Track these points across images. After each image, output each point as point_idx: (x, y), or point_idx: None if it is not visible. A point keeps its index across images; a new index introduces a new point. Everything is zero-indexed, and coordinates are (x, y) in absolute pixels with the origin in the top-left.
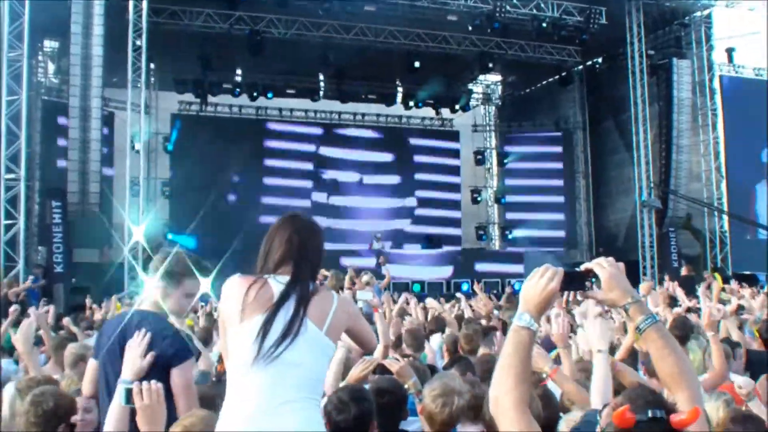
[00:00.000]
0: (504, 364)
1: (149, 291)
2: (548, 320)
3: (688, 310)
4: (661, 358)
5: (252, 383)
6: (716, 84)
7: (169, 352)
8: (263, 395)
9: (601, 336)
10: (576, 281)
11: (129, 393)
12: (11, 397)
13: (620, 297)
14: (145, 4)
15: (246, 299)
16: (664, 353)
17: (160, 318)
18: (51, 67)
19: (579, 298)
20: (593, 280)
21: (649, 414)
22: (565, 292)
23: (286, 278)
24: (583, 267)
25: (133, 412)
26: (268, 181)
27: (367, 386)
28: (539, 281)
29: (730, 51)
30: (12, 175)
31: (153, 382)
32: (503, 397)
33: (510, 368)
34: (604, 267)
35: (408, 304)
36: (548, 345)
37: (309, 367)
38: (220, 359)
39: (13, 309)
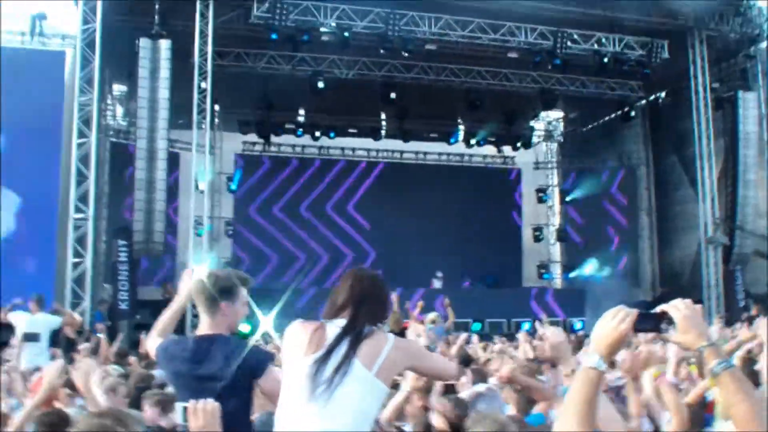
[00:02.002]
0: (569, 403)
1: (206, 316)
2: None
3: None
4: (734, 404)
5: (301, 418)
6: None
7: (260, 360)
8: (310, 429)
9: (561, 360)
10: (650, 322)
11: (185, 411)
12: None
13: (695, 340)
14: (210, 48)
15: (303, 341)
16: (738, 398)
17: (226, 337)
18: (119, 110)
19: None
20: (667, 321)
21: None
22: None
23: (342, 322)
24: (658, 309)
25: None
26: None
27: None
28: (611, 322)
29: None
30: (81, 215)
31: (210, 401)
32: None
33: (575, 407)
34: (679, 309)
35: (468, 343)
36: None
37: (356, 406)
38: None
39: (84, 347)
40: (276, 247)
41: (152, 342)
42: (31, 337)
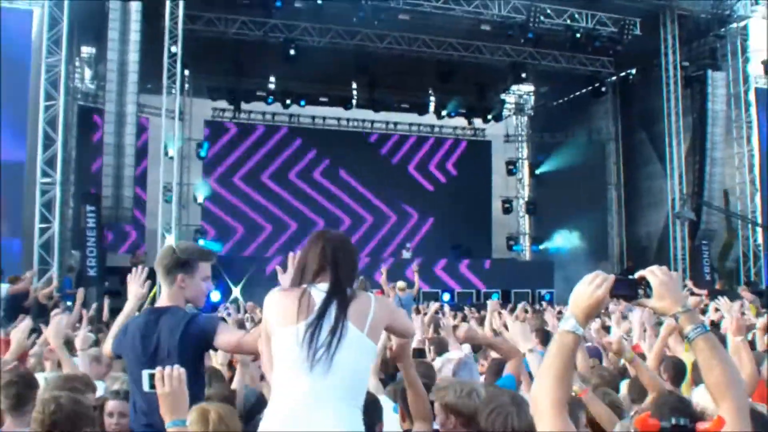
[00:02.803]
0: (546, 365)
1: (164, 286)
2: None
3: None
4: (708, 369)
5: (297, 385)
6: (752, 96)
7: (205, 328)
8: (308, 396)
9: (523, 338)
10: (626, 288)
11: (152, 378)
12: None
13: (671, 305)
14: (181, 11)
15: (289, 307)
16: (712, 363)
17: (177, 308)
18: (88, 73)
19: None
20: (644, 287)
21: (673, 421)
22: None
23: (325, 286)
24: (637, 274)
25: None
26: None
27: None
28: (588, 287)
29: (766, 63)
30: (48, 179)
31: (176, 367)
32: (542, 398)
33: (551, 370)
34: (656, 275)
35: (438, 313)
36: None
37: (353, 368)
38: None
39: (56, 313)
40: (242, 217)
41: (108, 346)
42: None
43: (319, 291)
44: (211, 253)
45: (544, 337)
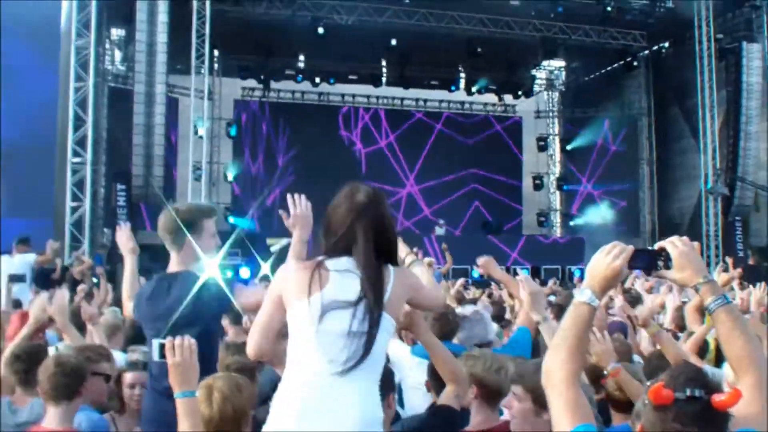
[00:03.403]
0: (560, 337)
1: (173, 252)
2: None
3: None
4: (729, 341)
5: (311, 358)
6: None
7: (218, 293)
8: (322, 367)
9: (534, 308)
10: (645, 259)
11: (162, 348)
12: None
13: (692, 276)
14: None
15: (304, 280)
16: (733, 335)
17: (188, 273)
18: (118, 55)
19: None
20: (664, 258)
21: (688, 392)
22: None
23: (345, 258)
24: (657, 245)
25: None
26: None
27: None
28: (606, 257)
29: None
30: (78, 159)
31: (186, 337)
32: (555, 371)
33: (565, 342)
34: (676, 245)
35: (466, 288)
36: (612, 329)
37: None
38: None
39: (81, 288)
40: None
41: (128, 305)
42: (16, 278)
43: (337, 262)
44: (213, 208)
45: (559, 312)
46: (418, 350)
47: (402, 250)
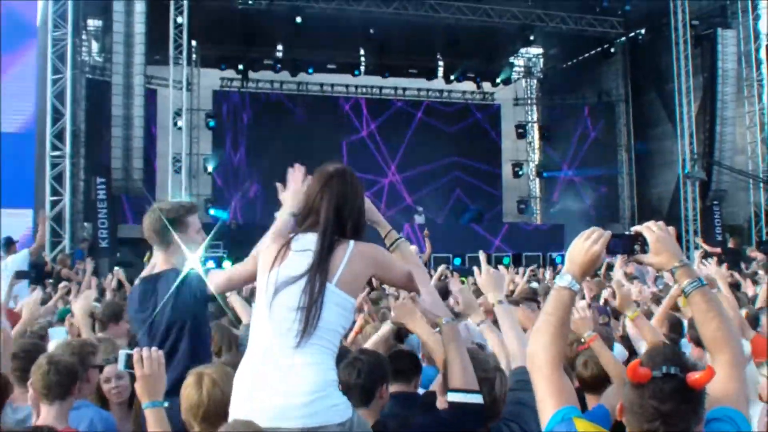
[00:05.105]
0: (542, 321)
1: (157, 253)
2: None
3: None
4: (704, 322)
5: (266, 330)
6: (762, 54)
7: (197, 285)
8: (272, 342)
9: (493, 288)
10: (623, 244)
11: (129, 358)
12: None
13: (668, 260)
14: None
15: (272, 254)
16: (708, 317)
17: (170, 272)
18: (95, 46)
19: None
20: (641, 243)
21: (664, 370)
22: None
23: (310, 234)
24: (633, 230)
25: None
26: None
27: None
28: (584, 242)
29: None
30: (57, 152)
31: (154, 349)
32: (538, 354)
33: (547, 326)
34: (652, 230)
35: (446, 278)
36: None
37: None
38: None
39: (63, 285)
40: (252, 186)
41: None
42: (23, 275)
43: (302, 238)
44: (194, 204)
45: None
46: None
47: (383, 229)
